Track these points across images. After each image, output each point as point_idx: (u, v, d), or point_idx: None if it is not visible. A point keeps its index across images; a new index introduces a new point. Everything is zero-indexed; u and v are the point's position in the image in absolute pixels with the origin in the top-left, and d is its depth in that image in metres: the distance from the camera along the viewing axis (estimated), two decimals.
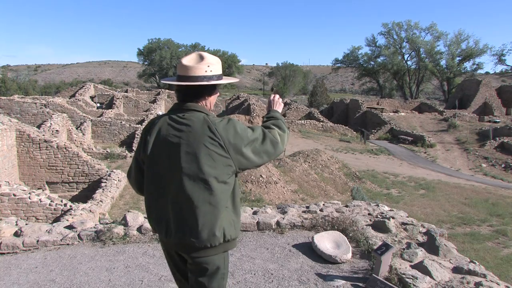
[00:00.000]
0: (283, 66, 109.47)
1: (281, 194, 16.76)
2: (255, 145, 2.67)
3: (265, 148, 2.68)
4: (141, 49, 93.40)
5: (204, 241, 2.63)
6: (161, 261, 5.25)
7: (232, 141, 2.59)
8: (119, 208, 14.01)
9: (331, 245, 5.52)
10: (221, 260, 2.79)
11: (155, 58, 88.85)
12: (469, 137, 40.49)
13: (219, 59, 2.86)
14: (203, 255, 2.72)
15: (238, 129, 2.63)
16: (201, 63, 2.73)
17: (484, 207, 19.65)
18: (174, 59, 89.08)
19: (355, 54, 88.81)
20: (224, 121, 2.67)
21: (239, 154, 2.61)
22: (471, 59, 79.57)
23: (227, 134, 2.60)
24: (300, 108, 51.12)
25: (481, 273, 4.80)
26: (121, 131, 26.58)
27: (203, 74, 2.74)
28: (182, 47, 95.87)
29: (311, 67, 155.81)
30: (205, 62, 2.74)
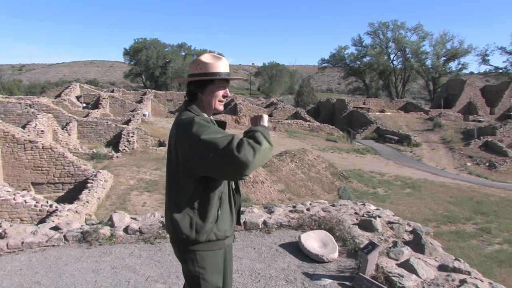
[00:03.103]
0: (269, 66, 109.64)
1: (268, 194, 16.78)
2: (209, 147, 2.49)
3: (216, 152, 2.47)
4: (127, 48, 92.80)
5: (172, 237, 2.85)
6: (148, 261, 5.23)
7: (189, 140, 2.58)
8: (105, 209, 13.92)
9: (318, 244, 5.53)
10: (188, 259, 2.81)
11: (141, 58, 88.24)
12: (454, 136, 40.85)
13: (219, 59, 2.89)
14: (175, 251, 2.92)
15: (194, 129, 2.57)
16: (195, 61, 2.87)
17: (469, 206, 19.84)
18: (160, 58, 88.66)
19: (341, 54, 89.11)
20: (186, 120, 2.68)
21: (191, 154, 2.58)
22: (456, 59, 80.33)
23: (185, 133, 2.62)
24: (287, 108, 51.25)
25: (465, 270, 4.85)
26: (107, 131, 26.41)
27: (192, 72, 2.83)
28: (169, 47, 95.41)
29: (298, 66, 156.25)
30: (198, 60, 2.86)
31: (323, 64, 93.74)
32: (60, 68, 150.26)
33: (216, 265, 2.86)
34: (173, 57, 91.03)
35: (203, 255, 2.82)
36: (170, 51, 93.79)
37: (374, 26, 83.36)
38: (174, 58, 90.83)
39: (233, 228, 2.90)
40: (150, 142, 26.63)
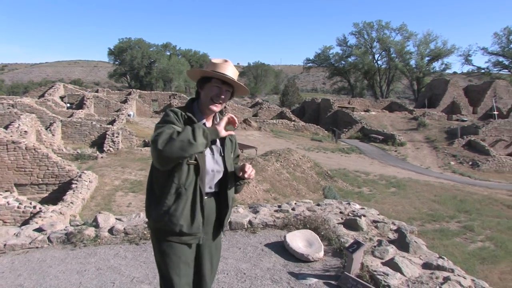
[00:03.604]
0: (254, 65, 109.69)
1: (253, 194, 16.78)
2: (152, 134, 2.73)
3: (151, 139, 2.71)
4: (112, 48, 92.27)
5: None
6: (133, 262, 5.19)
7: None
8: (90, 210, 13.81)
9: (303, 243, 5.54)
10: (152, 242, 3.10)
11: (126, 58, 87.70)
12: (438, 135, 41.23)
13: (225, 62, 3.03)
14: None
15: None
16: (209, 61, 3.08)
17: (453, 204, 20.04)
18: (145, 58, 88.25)
19: (326, 53, 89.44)
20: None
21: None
22: (440, 59, 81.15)
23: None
24: (272, 107, 51.33)
25: (449, 268, 4.90)
26: (92, 131, 26.23)
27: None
28: (154, 47, 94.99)
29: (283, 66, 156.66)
30: (210, 60, 3.08)
31: (308, 64, 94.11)
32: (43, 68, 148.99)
33: (172, 258, 2.96)
34: (158, 57, 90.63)
35: (160, 242, 2.99)
36: (155, 51, 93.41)
37: (358, 26, 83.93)
38: (159, 58, 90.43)
39: (196, 227, 2.92)
40: (135, 143, 26.50)
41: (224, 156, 3.06)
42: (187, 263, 3.01)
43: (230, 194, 3.09)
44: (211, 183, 3.02)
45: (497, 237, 14.86)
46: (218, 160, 3.04)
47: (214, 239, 3.17)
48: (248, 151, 25.75)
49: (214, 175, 3.02)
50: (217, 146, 3.06)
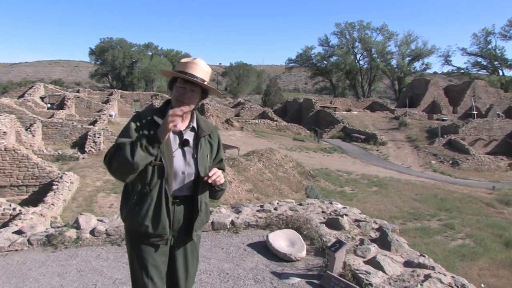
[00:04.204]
0: (236, 65, 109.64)
1: (236, 194, 16.78)
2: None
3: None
4: (93, 48, 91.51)
5: None
6: (115, 264, 5.15)
7: None
8: (71, 211, 13.69)
9: (285, 243, 5.55)
10: (125, 240, 3.13)
11: (107, 58, 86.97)
12: (419, 135, 41.62)
13: (191, 61, 2.97)
14: None
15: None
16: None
17: (434, 203, 20.26)
18: (127, 58, 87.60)
19: (308, 53, 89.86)
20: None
21: None
22: (420, 59, 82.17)
23: None
24: (254, 107, 51.39)
25: (430, 265, 4.96)
26: (73, 132, 25.97)
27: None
28: (135, 47, 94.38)
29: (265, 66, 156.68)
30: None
31: (290, 64, 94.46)
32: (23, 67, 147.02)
33: (141, 260, 2.95)
34: (140, 57, 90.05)
35: (130, 243, 3.02)
36: (137, 51, 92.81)
37: (340, 27, 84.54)
38: (140, 58, 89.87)
39: (161, 229, 2.87)
40: None
41: (197, 158, 2.97)
42: (156, 266, 2.97)
43: (201, 199, 3.01)
44: (182, 186, 2.95)
45: (476, 235, 15.07)
46: (190, 162, 2.96)
47: (186, 244, 3.10)
48: (231, 151, 25.73)
49: (185, 177, 2.94)
50: (190, 147, 2.98)
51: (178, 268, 3.09)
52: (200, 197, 2.99)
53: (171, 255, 3.07)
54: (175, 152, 2.89)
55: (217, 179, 2.89)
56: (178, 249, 3.07)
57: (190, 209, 3.01)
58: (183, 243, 3.08)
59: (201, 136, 3.03)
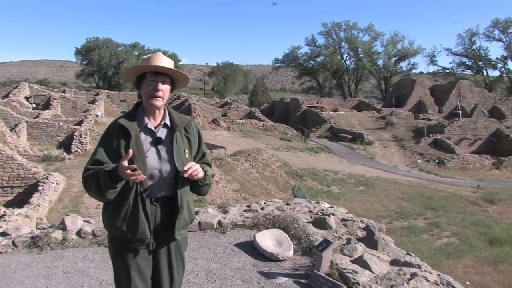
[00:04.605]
0: (223, 65, 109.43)
1: (223, 194, 16.78)
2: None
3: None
4: (79, 48, 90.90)
5: None
6: (102, 265, 5.12)
7: None
8: (57, 212, 13.59)
9: (273, 243, 5.56)
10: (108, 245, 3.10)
11: (93, 58, 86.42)
12: (405, 134, 41.88)
13: (155, 54, 2.92)
14: None
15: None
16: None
17: (420, 201, 20.43)
18: (113, 58, 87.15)
19: (295, 53, 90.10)
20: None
21: None
22: (406, 59, 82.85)
23: None
24: (241, 107, 51.43)
25: (416, 264, 5.00)
26: (59, 132, 25.77)
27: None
28: (122, 46, 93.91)
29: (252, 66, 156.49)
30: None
31: (277, 63, 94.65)
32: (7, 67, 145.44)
33: (123, 265, 2.92)
34: (126, 57, 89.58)
35: (112, 248, 3.00)
36: (123, 51, 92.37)
37: (327, 26, 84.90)
38: (127, 57, 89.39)
39: (141, 233, 2.81)
40: None
41: (173, 155, 2.87)
42: (139, 271, 2.92)
43: (182, 196, 2.91)
44: (161, 186, 2.88)
45: (461, 233, 15.22)
46: (166, 160, 2.87)
47: (170, 248, 3.02)
48: (218, 151, 25.71)
49: (162, 176, 2.86)
50: (165, 144, 2.90)
51: (161, 272, 3.02)
52: (180, 193, 2.89)
53: (154, 259, 3.00)
54: (148, 151, 2.82)
55: (193, 172, 2.78)
56: (161, 253, 3.00)
57: (172, 208, 2.92)
58: (167, 245, 3.00)
59: (176, 130, 2.94)
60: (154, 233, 2.88)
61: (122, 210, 2.79)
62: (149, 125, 2.90)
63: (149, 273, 2.99)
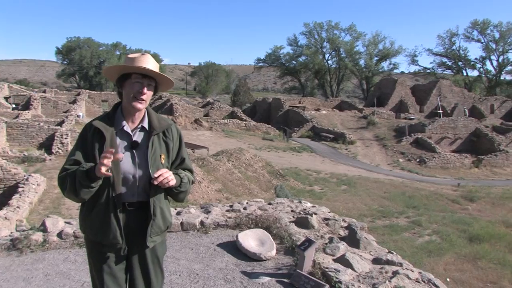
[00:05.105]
0: (205, 65, 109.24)
1: (206, 194, 16.73)
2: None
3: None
4: (60, 47, 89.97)
5: None
6: (84, 266, 5.05)
7: None
8: (38, 214, 13.41)
9: (255, 243, 5.56)
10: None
11: (74, 57, 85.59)
12: (387, 133, 42.20)
13: (142, 55, 2.85)
14: None
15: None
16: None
17: (402, 200, 20.61)
18: (94, 58, 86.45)
19: (277, 53, 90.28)
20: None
21: None
22: (388, 59, 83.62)
23: None
24: (223, 107, 51.35)
25: (398, 262, 5.05)
26: (40, 133, 25.46)
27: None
28: (103, 46, 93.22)
29: (234, 66, 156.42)
30: (125, 57, 2.90)
31: (259, 63, 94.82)
32: None
33: (97, 268, 2.90)
34: (108, 57, 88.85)
35: (87, 251, 2.99)
36: (105, 51, 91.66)
37: (309, 26, 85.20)
38: (108, 57, 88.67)
39: (112, 237, 2.76)
40: None
41: (147, 160, 2.78)
42: (112, 275, 2.87)
43: (155, 203, 2.83)
44: (135, 191, 2.81)
45: (442, 231, 15.39)
46: (142, 165, 2.78)
47: (146, 253, 2.94)
48: (200, 151, 25.66)
49: (136, 181, 2.78)
50: (141, 148, 2.82)
51: (136, 277, 2.97)
52: (153, 201, 2.81)
53: (129, 264, 2.95)
54: (121, 154, 2.68)
55: (164, 180, 2.66)
56: (136, 258, 2.94)
57: (146, 215, 2.84)
58: (140, 251, 2.93)
59: (153, 135, 2.84)
60: (127, 238, 2.83)
61: (95, 214, 2.76)
62: (125, 128, 2.82)
63: (123, 276, 2.95)
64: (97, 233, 2.77)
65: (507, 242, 14.39)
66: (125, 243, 2.83)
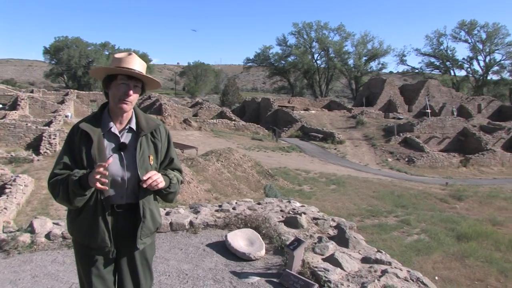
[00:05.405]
0: (194, 65, 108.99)
1: (195, 194, 16.69)
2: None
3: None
4: (48, 47, 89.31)
5: None
6: (72, 267, 5.01)
7: None
8: (26, 215, 13.30)
9: (244, 242, 5.57)
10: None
11: (62, 57, 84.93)
12: (375, 133, 42.33)
13: (129, 55, 2.82)
14: None
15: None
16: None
17: (391, 199, 20.70)
18: (83, 58, 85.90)
19: (266, 53, 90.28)
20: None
21: None
22: (376, 59, 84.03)
23: None
24: (212, 107, 51.28)
25: (387, 261, 5.09)
26: (27, 133, 25.28)
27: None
28: (92, 46, 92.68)
29: (223, 66, 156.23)
30: (112, 56, 2.86)
31: (248, 63, 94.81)
32: None
33: (85, 270, 2.88)
34: (96, 57, 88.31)
35: (75, 252, 2.97)
36: (93, 50, 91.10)
37: (298, 26, 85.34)
38: (97, 57, 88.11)
39: (101, 240, 2.75)
40: None
41: (136, 161, 2.76)
42: (101, 277, 2.86)
43: (144, 205, 2.82)
44: (123, 193, 2.78)
45: (431, 230, 15.48)
46: (130, 167, 2.76)
47: (135, 255, 2.93)
48: (189, 151, 25.60)
49: (125, 183, 2.76)
50: (130, 150, 2.79)
51: (125, 279, 2.95)
52: (143, 202, 2.80)
53: (118, 266, 2.94)
54: (110, 158, 2.67)
55: (153, 183, 2.65)
56: (125, 260, 2.93)
57: (135, 217, 2.82)
58: (129, 254, 2.92)
59: (141, 136, 2.82)
60: (116, 241, 2.81)
61: (82, 217, 2.74)
62: (113, 129, 2.80)
63: (111, 278, 2.93)
64: (85, 236, 2.76)
65: (494, 240, 14.56)
66: (114, 245, 2.81)
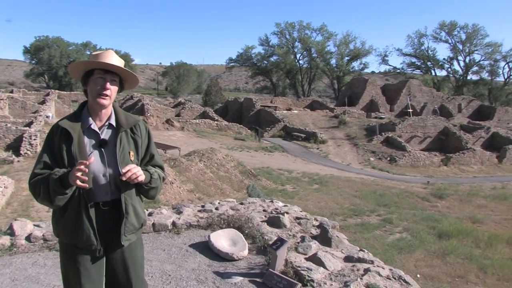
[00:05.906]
0: (177, 65, 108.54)
1: (178, 194, 16.64)
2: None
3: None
4: (28, 47, 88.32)
5: None
6: (53, 270, 4.97)
7: None
8: (6, 217, 13.12)
9: (227, 243, 5.56)
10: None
11: (43, 57, 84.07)
12: (358, 132, 42.60)
13: (105, 51, 2.85)
14: None
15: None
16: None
17: (373, 198, 20.85)
18: (64, 58, 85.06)
19: (248, 53, 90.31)
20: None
21: None
22: (358, 59, 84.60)
23: None
24: (195, 107, 51.15)
25: (369, 259, 5.12)
26: (7, 134, 24.96)
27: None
28: (73, 45, 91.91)
29: (205, 66, 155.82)
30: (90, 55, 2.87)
31: (231, 63, 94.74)
32: None
33: (71, 270, 2.84)
34: (78, 56, 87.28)
35: (60, 252, 2.93)
36: (74, 50, 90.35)
37: (280, 26, 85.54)
38: (78, 57, 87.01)
39: (86, 238, 2.73)
40: None
41: (117, 157, 2.76)
42: (88, 276, 2.83)
43: (126, 200, 2.81)
44: (108, 189, 2.77)
45: (412, 228, 15.62)
46: (111, 163, 2.76)
47: (124, 252, 2.90)
48: (171, 151, 25.50)
49: (108, 180, 2.75)
50: (110, 146, 2.79)
51: (117, 277, 2.94)
52: (125, 198, 2.79)
53: (107, 264, 2.93)
54: (91, 154, 2.69)
55: (132, 176, 2.65)
56: (113, 257, 2.91)
57: (119, 213, 2.81)
58: (116, 251, 2.90)
59: (120, 132, 2.83)
60: (103, 238, 2.79)
61: (67, 216, 2.73)
62: (92, 126, 2.80)
63: (100, 278, 2.91)
64: (71, 235, 2.74)
65: (474, 237, 14.79)
66: (101, 244, 2.80)
